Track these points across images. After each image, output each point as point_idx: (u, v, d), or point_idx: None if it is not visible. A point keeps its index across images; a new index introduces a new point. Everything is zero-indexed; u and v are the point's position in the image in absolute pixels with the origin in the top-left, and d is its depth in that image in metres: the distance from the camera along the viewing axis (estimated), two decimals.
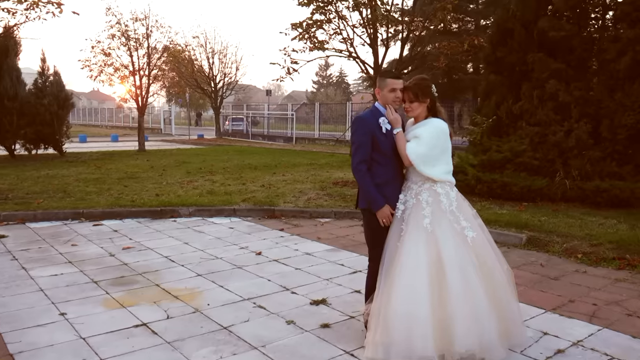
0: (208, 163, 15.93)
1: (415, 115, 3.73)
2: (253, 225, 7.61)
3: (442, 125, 3.64)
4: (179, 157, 18.40)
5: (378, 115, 3.68)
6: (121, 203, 8.56)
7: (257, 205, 8.59)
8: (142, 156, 18.55)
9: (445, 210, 3.57)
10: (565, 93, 9.36)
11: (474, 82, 35.29)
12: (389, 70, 3.68)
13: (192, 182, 11.40)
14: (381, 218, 3.61)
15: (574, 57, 9.76)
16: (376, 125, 3.64)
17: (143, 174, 13.07)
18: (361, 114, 3.77)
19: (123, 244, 6.46)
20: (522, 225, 6.89)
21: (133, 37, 20.57)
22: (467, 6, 35.75)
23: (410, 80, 3.77)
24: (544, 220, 7.22)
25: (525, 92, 9.99)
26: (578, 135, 8.91)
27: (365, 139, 3.61)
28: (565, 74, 9.60)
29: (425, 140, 3.58)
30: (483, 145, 9.95)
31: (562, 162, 9.00)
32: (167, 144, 27.93)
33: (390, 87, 3.64)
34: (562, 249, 6.07)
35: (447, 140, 3.66)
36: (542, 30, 9.87)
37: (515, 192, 8.76)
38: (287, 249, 6.25)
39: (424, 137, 3.58)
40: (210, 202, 8.76)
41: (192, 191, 10.04)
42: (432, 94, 3.69)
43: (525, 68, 10.22)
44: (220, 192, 9.85)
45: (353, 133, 3.69)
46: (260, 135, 30.78)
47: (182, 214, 8.21)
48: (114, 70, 20.64)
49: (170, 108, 44.69)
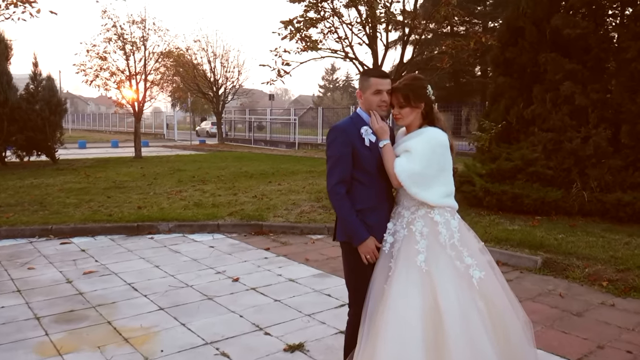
0: (203, 171, 15.24)
1: (407, 124, 3.00)
2: (236, 244, 6.88)
3: (439, 137, 2.90)
4: (174, 164, 17.74)
5: (360, 124, 2.95)
6: (96, 217, 7.87)
7: (244, 220, 7.86)
8: (137, 163, 17.92)
9: (445, 244, 2.82)
10: (581, 96, 8.56)
11: (482, 85, 34.51)
12: (373, 68, 2.86)
13: (180, 192, 10.71)
14: (364, 254, 2.87)
15: (590, 57, 8.96)
16: (357, 137, 2.91)
17: (132, 182, 12.41)
18: (339, 122, 3.03)
19: (86, 267, 5.76)
20: (536, 245, 6.11)
21: (130, 40, 19.98)
22: (474, 8, 34.98)
23: (401, 80, 3.02)
24: (561, 238, 6.43)
25: (538, 95, 9.20)
26: (597, 142, 8.11)
27: (343, 154, 2.88)
28: (581, 76, 8.80)
29: (419, 155, 2.83)
30: (492, 152, 9.17)
31: (579, 172, 8.20)
32: (167, 150, 27.32)
33: (374, 89, 2.90)
34: (583, 274, 5.29)
35: (446, 154, 2.91)
36: (556, 28, 9.09)
37: (528, 205, 7.97)
38: (269, 274, 5.51)
39: (417, 151, 2.84)
40: (193, 216, 8.05)
41: (178, 203, 9.34)
42: (427, 97, 2.95)
43: (537, 69, 9.43)
44: (207, 204, 9.14)
45: (328, 146, 2.95)
46: (262, 140, 30.11)
47: (160, 230, 7.50)
48: (110, 75, 20.04)
49: (173, 113, 44.21)
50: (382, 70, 2.98)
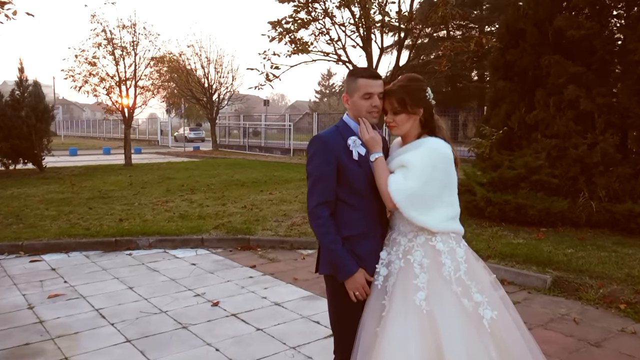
0: (193, 179, 14.75)
1: (403, 134, 2.53)
2: (220, 261, 6.38)
3: (441, 149, 2.43)
4: (165, 171, 17.25)
5: (347, 134, 2.48)
6: (73, 232, 7.36)
7: (230, 233, 7.37)
8: (126, 171, 17.41)
9: (449, 277, 2.35)
10: (586, 100, 8.12)
11: (479, 90, 34.23)
12: (362, 67, 2.39)
13: (166, 203, 10.21)
14: (352, 290, 2.39)
15: (595, 59, 8.52)
16: (344, 149, 2.44)
17: (118, 192, 11.90)
18: (322, 131, 2.56)
19: (53, 289, 5.26)
20: (544, 262, 5.63)
21: (119, 45, 19.51)
22: (470, 12, 34.67)
23: (395, 81, 2.55)
24: (570, 253, 5.95)
25: (540, 99, 8.75)
26: (604, 148, 7.66)
27: (326, 170, 2.41)
28: (585, 79, 8.36)
29: (417, 171, 2.36)
30: (493, 160, 8.70)
31: (586, 180, 7.75)
32: (160, 156, 26.81)
33: (363, 92, 2.44)
34: (598, 295, 4.81)
35: (449, 170, 2.44)
36: (559, 29, 8.66)
37: (532, 216, 7.51)
38: (253, 297, 5.02)
39: (415, 166, 2.37)
40: (177, 229, 7.55)
41: (163, 214, 8.84)
42: (426, 101, 2.49)
43: (539, 72, 8.99)
44: (193, 216, 8.65)
45: (308, 160, 2.48)
46: (257, 146, 29.62)
47: (140, 245, 7.00)
48: (100, 81, 19.56)
49: (167, 119, 43.72)
50: (372, 69, 2.52)
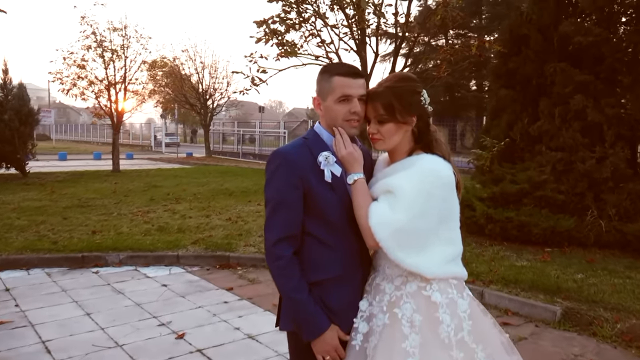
0: (181, 187, 14.17)
1: (390, 149, 1.98)
2: (194, 282, 5.80)
3: (439, 169, 1.87)
4: (153, 178, 16.66)
5: (318, 148, 1.92)
6: (38, 245, 6.77)
7: (209, 249, 6.79)
8: (112, 178, 16.82)
9: (449, 340, 1.78)
10: (594, 111, 7.59)
11: (478, 99, 33.80)
12: (338, 62, 1.80)
13: (147, 213, 9.62)
14: (321, 353, 1.84)
15: (603, 67, 8.00)
16: (313, 168, 1.88)
17: (99, 200, 11.31)
18: (285, 146, 1.99)
19: (0, 314, 4.66)
20: (552, 289, 5.07)
21: (109, 48, 18.97)
22: (469, 21, 34.32)
23: (382, 80, 2.00)
24: (580, 279, 5.39)
25: (544, 109, 8.22)
26: (614, 163, 7.12)
27: (290, 195, 1.85)
28: (593, 88, 7.84)
29: (407, 198, 1.80)
30: (493, 173, 8.16)
31: (594, 197, 7.20)
32: (151, 162, 26.19)
33: (339, 94, 1.89)
34: (615, 331, 4.25)
35: (449, 197, 1.88)
36: (565, 35, 8.15)
37: (536, 235, 6.95)
38: (225, 328, 4.44)
39: (404, 192, 1.81)
40: (152, 244, 6.96)
41: (140, 226, 8.26)
42: (421, 108, 1.93)
43: (543, 81, 8.47)
44: (172, 229, 8.06)
45: (267, 183, 1.92)
46: (251, 154, 29.03)
47: (109, 262, 6.41)
48: (89, 84, 18.99)
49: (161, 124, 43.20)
50: (351, 65, 1.95)
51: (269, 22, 6.94)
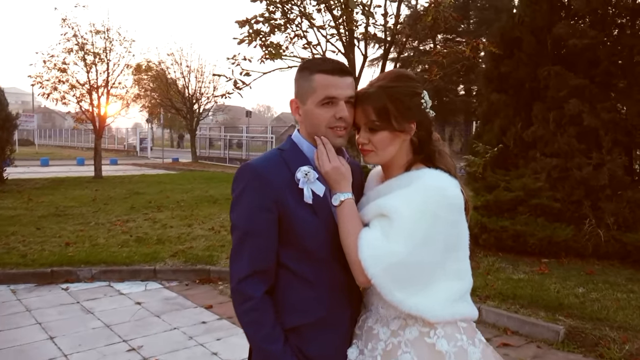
0: (164, 194, 13.73)
1: (385, 162, 1.63)
2: (171, 299, 5.41)
3: (446, 187, 1.53)
4: (135, 185, 16.19)
5: (296, 162, 1.58)
6: (5, 260, 6.33)
7: (188, 263, 6.40)
8: (93, 184, 16.32)
9: None
10: (590, 116, 7.33)
11: (466, 104, 33.76)
12: (320, 58, 1.46)
13: (126, 223, 9.20)
14: None
15: (599, 71, 7.75)
16: (290, 186, 1.53)
17: (76, 209, 10.85)
18: (256, 159, 1.64)
19: None
20: (554, 305, 4.76)
21: (92, 51, 18.48)
22: (457, 26, 34.30)
23: (373, 79, 1.66)
24: (582, 294, 5.09)
25: (538, 114, 7.95)
26: (612, 170, 6.86)
27: (261, 220, 1.50)
28: (588, 92, 7.58)
29: (406, 224, 1.45)
30: (487, 180, 7.86)
31: (591, 205, 6.93)
32: (136, 168, 25.68)
33: (322, 95, 1.54)
34: (623, 353, 3.94)
35: (458, 221, 1.54)
36: (559, 38, 7.91)
37: (533, 245, 6.65)
38: (201, 353, 4.06)
39: (402, 217, 1.46)
40: (128, 257, 6.56)
41: (118, 237, 7.84)
42: (421, 112, 1.60)
43: (536, 85, 8.22)
44: (151, 240, 7.66)
45: (233, 204, 1.57)
46: (238, 159, 28.60)
47: (81, 278, 6.00)
48: (70, 88, 18.48)
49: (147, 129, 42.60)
50: (336, 60, 1.60)
51: (251, 22, 6.60)
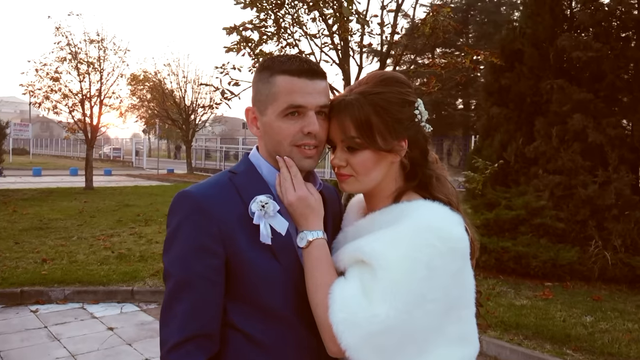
0: (154, 207, 13.34)
1: (367, 190, 1.27)
2: (147, 324, 5.01)
3: (445, 228, 1.16)
4: (126, 197, 15.81)
5: (251, 189, 1.21)
6: None
7: None
8: (83, 196, 15.93)
9: None
10: (595, 131, 7.01)
11: (464, 118, 33.56)
12: (285, 55, 1.06)
13: (110, 237, 8.81)
14: None
15: (603, 85, 7.46)
16: (241, 222, 1.16)
17: (61, 222, 10.46)
18: (197, 185, 1.29)
19: None
20: (561, 337, 4.38)
21: (85, 60, 18.19)
22: (456, 40, 34.19)
23: (353, 84, 1.30)
24: (590, 324, 4.72)
25: (541, 129, 7.64)
26: (619, 188, 6.52)
27: (200, 268, 1.13)
28: (593, 107, 7.28)
29: (392, 277, 1.08)
30: (486, 197, 7.51)
31: (597, 226, 6.58)
32: (130, 179, 25.28)
33: (286, 103, 1.19)
34: None
35: (462, 270, 1.17)
36: (562, 50, 7.62)
37: (535, 267, 6.29)
38: None
39: (388, 266, 1.09)
40: (105, 276, 6.16)
41: (99, 253, 7.45)
42: (415, 127, 1.23)
43: (538, 99, 7.92)
44: (134, 257, 7.27)
45: (167, 244, 1.20)
46: None
47: (52, 299, 5.60)
48: (62, 97, 18.16)
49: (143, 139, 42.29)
50: (305, 59, 1.25)
51: (240, 29, 6.29)
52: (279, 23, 6.93)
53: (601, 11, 7.74)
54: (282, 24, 6.85)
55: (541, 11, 8.01)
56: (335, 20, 6.06)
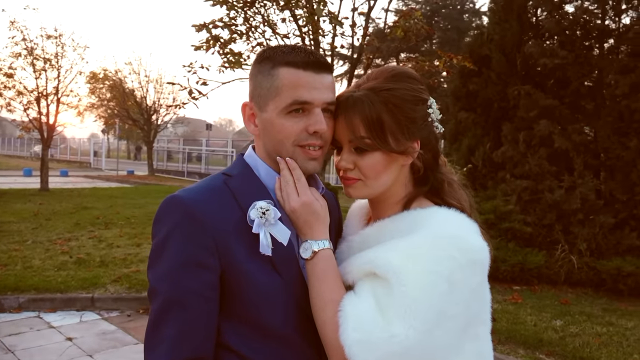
0: (114, 209, 12.90)
1: (377, 196, 1.16)
2: (109, 333, 4.76)
3: (465, 238, 1.05)
4: (84, 199, 15.23)
5: (249, 194, 1.07)
6: None
7: (132, 289, 5.75)
8: (38, 198, 15.26)
9: None
10: (561, 137, 7.15)
11: None
12: (288, 45, 0.93)
13: (68, 241, 8.42)
14: None
15: (568, 92, 7.64)
16: (238, 231, 1.03)
17: (14, 225, 9.95)
18: (188, 188, 1.15)
19: None
20: (533, 342, 4.39)
21: (42, 57, 17.47)
22: (420, 45, 34.69)
23: (361, 80, 1.19)
24: (560, 328, 4.76)
25: (508, 134, 7.74)
26: (584, 193, 6.66)
27: (192, 285, 0.99)
28: (558, 113, 7.43)
29: (414, 293, 0.97)
30: None
31: (563, 230, 6.69)
32: (88, 181, 24.45)
33: (291, 99, 1.06)
34: None
35: (481, 285, 1.08)
36: (529, 56, 7.76)
37: (504, 272, 6.33)
38: None
39: (408, 281, 0.98)
40: (63, 282, 5.85)
41: (56, 258, 7.09)
42: (429, 128, 1.13)
43: (505, 104, 8.04)
44: (94, 262, 6.94)
45: (153, 257, 1.05)
46: (197, 173, 27.71)
47: (6, 307, 5.26)
48: (17, 94, 17.37)
49: (101, 140, 41.09)
50: (310, 50, 1.13)
51: (209, 27, 6.10)
52: (249, 22, 6.79)
53: (566, 19, 7.92)
54: (252, 23, 6.71)
55: (509, 18, 8.13)
56: (307, 20, 5.94)
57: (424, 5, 29.20)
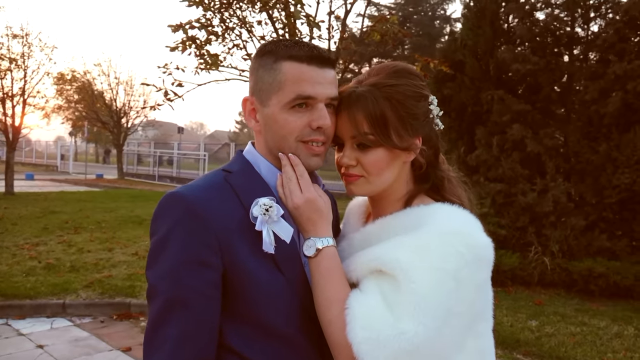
0: (84, 213, 12.58)
1: (378, 193, 1.15)
2: (82, 340, 4.63)
3: (470, 234, 1.05)
4: (52, 203, 14.82)
5: (250, 191, 1.04)
6: None
7: (105, 295, 5.60)
8: (4, 201, 14.77)
9: None
10: (533, 142, 7.29)
11: None
12: (292, 40, 0.91)
13: (36, 246, 8.17)
14: None
15: (540, 97, 7.82)
16: (240, 228, 0.99)
17: None
18: (189, 185, 1.11)
19: None
20: (510, 342, 4.45)
21: (7, 56, 16.99)
22: (393, 51, 35.07)
23: (363, 75, 1.17)
24: (536, 328, 4.84)
25: (482, 138, 7.87)
26: (556, 196, 6.80)
27: (194, 283, 0.95)
28: (531, 118, 7.59)
29: (423, 290, 0.96)
30: None
31: (536, 232, 6.82)
32: (55, 184, 23.82)
33: (294, 94, 1.03)
34: None
35: (486, 282, 1.07)
36: (502, 62, 7.90)
37: None
38: None
39: (416, 277, 0.97)
40: (32, 288, 5.66)
41: (24, 264, 6.86)
42: (430, 125, 1.13)
43: (479, 109, 8.16)
44: (64, 267, 6.75)
45: (152, 257, 1.02)
46: (168, 176, 27.31)
47: None
48: None
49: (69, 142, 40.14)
50: (313, 45, 1.11)
51: (186, 27, 6.02)
52: (225, 23, 6.73)
53: (537, 26, 8.11)
54: (228, 24, 6.65)
55: (482, 24, 8.28)
56: (285, 24, 5.92)
57: (396, 11, 29.58)
